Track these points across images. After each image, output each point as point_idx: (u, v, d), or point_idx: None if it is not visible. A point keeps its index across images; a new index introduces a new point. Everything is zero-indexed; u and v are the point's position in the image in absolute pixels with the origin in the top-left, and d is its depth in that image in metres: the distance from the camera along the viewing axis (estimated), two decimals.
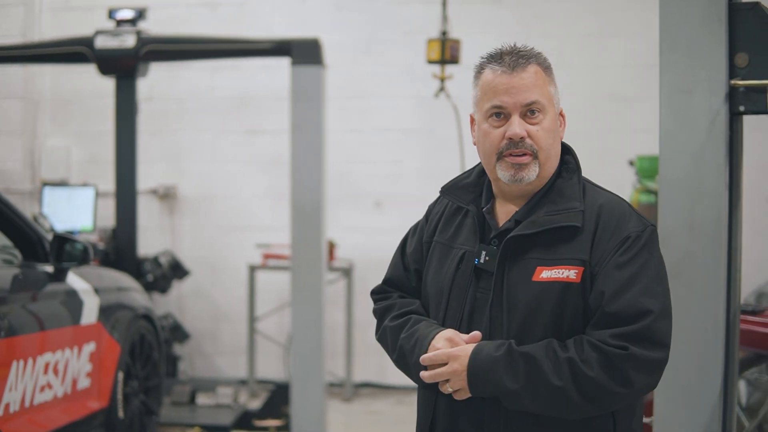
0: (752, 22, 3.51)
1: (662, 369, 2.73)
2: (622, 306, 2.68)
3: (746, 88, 3.51)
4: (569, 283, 2.74)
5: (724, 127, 3.52)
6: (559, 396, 2.66)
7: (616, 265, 2.73)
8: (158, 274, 8.36)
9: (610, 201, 2.86)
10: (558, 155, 2.93)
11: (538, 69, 2.86)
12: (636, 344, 2.65)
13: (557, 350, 2.69)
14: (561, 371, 2.66)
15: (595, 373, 2.64)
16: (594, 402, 2.68)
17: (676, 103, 3.56)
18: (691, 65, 3.54)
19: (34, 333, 5.04)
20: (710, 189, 3.55)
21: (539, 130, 2.84)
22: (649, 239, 2.79)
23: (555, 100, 2.90)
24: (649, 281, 2.73)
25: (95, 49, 7.58)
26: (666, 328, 2.73)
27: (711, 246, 3.56)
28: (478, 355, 2.73)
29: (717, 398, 3.58)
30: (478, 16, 9.08)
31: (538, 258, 2.79)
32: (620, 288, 2.70)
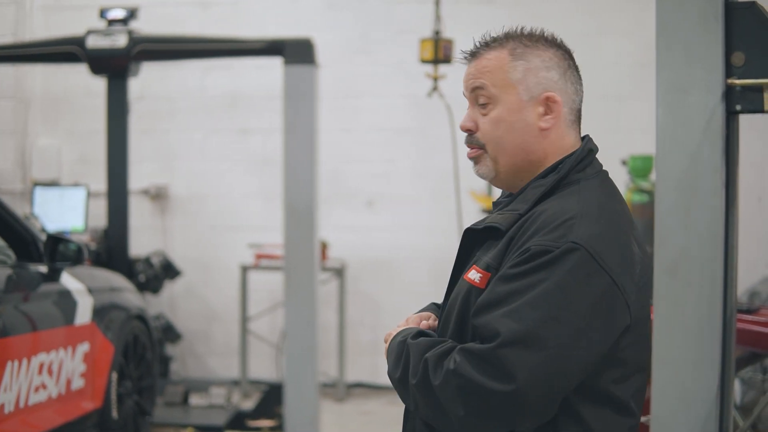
0: (749, 21, 3.51)
1: (500, 406, 2.33)
2: (482, 322, 2.40)
3: (743, 87, 3.50)
4: (474, 286, 2.51)
5: (721, 126, 3.51)
6: (415, 395, 2.47)
7: (501, 276, 2.43)
8: (150, 274, 8.34)
9: (555, 208, 2.52)
10: (529, 149, 2.65)
11: (501, 54, 2.64)
12: (472, 365, 2.33)
13: (431, 349, 2.46)
14: (418, 369, 2.45)
15: (438, 382, 2.39)
16: (437, 414, 2.43)
17: (673, 101, 3.55)
18: (687, 64, 3.53)
19: (28, 333, 5.03)
20: (707, 188, 3.54)
21: (486, 121, 2.64)
22: (557, 258, 2.38)
23: (522, 86, 2.62)
24: (524, 302, 2.35)
25: (86, 49, 7.56)
26: (517, 359, 2.30)
27: (707, 245, 3.55)
28: (394, 338, 2.65)
29: (714, 397, 3.57)
30: (470, 16, 9.07)
31: (478, 257, 2.59)
32: (489, 302, 2.41)
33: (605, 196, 2.66)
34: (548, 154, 2.67)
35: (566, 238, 2.41)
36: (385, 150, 9.44)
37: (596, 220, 2.52)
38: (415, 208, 9.30)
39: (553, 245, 2.40)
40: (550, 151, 2.67)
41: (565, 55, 2.74)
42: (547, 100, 2.66)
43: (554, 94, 2.67)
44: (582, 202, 2.54)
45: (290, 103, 7.25)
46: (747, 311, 4.96)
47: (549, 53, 2.68)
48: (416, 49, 7.88)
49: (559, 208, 2.50)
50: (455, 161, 8.03)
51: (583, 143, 2.79)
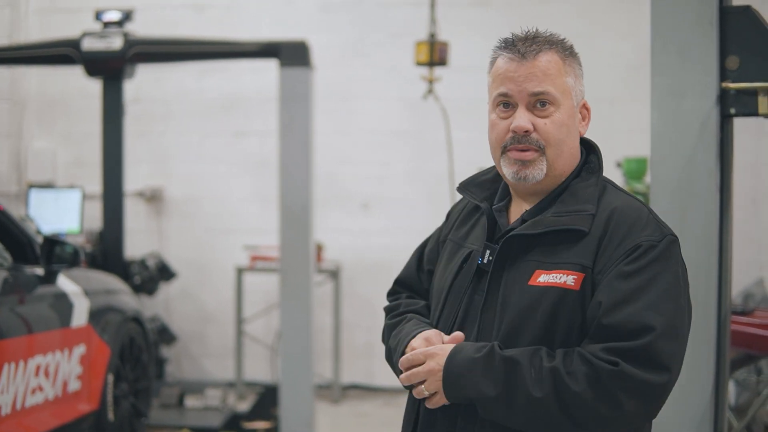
0: (743, 26, 3.54)
1: (662, 395, 2.44)
2: (620, 319, 2.41)
3: (737, 91, 3.53)
4: (566, 289, 2.50)
5: (715, 129, 3.54)
6: (538, 409, 2.42)
7: (620, 274, 2.47)
8: (145, 276, 8.34)
9: (627, 205, 2.61)
10: (575, 153, 2.71)
11: (555, 57, 2.65)
12: (630, 362, 2.37)
13: (543, 358, 2.45)
14: (543, 381, 2.41)
15: (581, 388, 2.38)
16: (576, 421, 2.42)
17: (668, 105, 3.58)
18: (682, 68, 3.56)
19: (24, 335, 5.04)
20: (701, 191, 3.57)
21: (548, 123, 2.62)
22: (665, 250, 2.50)
23: (574, 91, 2.68)
24: (657, 296, 2.44)
25: (82, 51, 7.56)
26: (670, 350, 2.41)
27: (702, 247, 3.58)
28: (457, 354, 2.54)
29: (708, 398, 3.60)
30: (466, 18, 9.09)
31: (538, 261, 2.57)
32: (621, 300, 2.43)
33: None
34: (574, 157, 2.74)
35: (662, 232, 2.55)
36: (380, 152, 9.46)
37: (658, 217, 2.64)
38: (410, 211, 9.31)
39: (656, 239, 2.51)
40: (576, 154, 2.74)
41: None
42: (584, 107, 2.75)
43: (586, 101, 2.76)
44: (636, 199, 2.68)
45: (286, 106, 7.26)
46: (741, 313, 4.98)
47: (578, 61, 2.76)
48: (411, 51, 7.88)
49: (630, 207, 2.61)
50: (450, 164, 8.04)
51: (595, 144, 2.83)
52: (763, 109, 3.49)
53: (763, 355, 5.40)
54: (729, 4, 3.60)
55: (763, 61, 3.51)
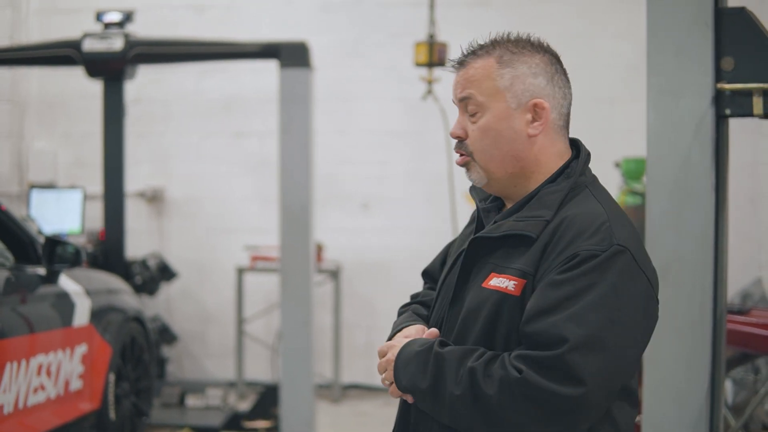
0: (738, 27, 3.56)
1: (571, 410, 2.35)
2: (538, 328, 2.38)
3: (732, 92, 3.56)
4: (507, 294, 2.50)
5: (711, 129, 3.56)
6: (458, 406, 2.43)
7: (550, 282, 2.42)
8: (146, 276, 8.36)
9: (585, 213, 2.52)
10: (519, 156, 2.64)
11: (489, 62, 2.63)
12: (536, 371, 2.33)
13: (468, 357, 2.45)
14: (461, 379, 2.42)
15: (492, 391, 2.37)
16: (489, 423, 2.41)
17: (664, 105, 3.61)
18: (678, 69, 3.58)
19: (26, 335, 5.06)
20: (697, 190, 3.59)
21: (474, 129, 2.64)
22: (606, 260, 2.41)
23: (510, 93, 2.62)
24: (582, 307, 2.37)
25: (83, 52, 7.58)
26: (586, 363, 2.32)
27: (698, 247, 3.60)
28: (406, 347, 2.61)
29: (704, 397, 3.62)
30: (465, 19, 9.11)
31: (495, 264, 2.58)
32: (545, 308, 2.39)
33: (613, 200, 2.68)
34: (540, 159, 2.65)
35: (610, 241, 2.44)
36: (379, 153, 9.48)
37: (624, 224, 2.55)
38: (410, 211, 9.34)
39: (599, 249, 2.42)
40: (541, 157, 2.66)
41: (552, 59, 2.71)
42: (535, 107, 2.63)
43: (542, 100, 2.64)
44: (605, 207, 2.57)
45: (286, 106, 7.29)
46: (738, 312, 5.00)
47: (536, 59, 2.66)
48: (411, 52, 7.91)
49: (588, 213, 2.52)
50: (449, 164, 8.07)
51: (582, 147, 2.80)
52: (758, 110, 3.51)
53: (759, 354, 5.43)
54: (724, 5, 3.62)
55: (758, 62, 3.53)
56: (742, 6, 3.59)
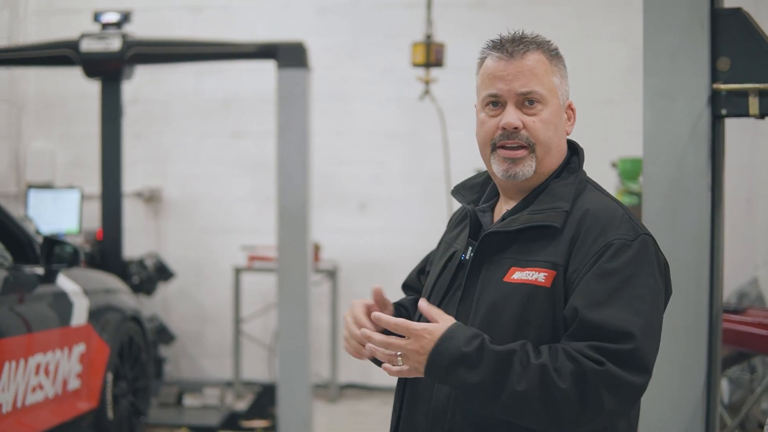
0: (734, 27, 3.58)
1: (638, 396, 2.49)
2: (602, 320, 2.43)
3: (728, 92, 3.57)
4: (538, 286, 2.53)
5: (707, 129, 3.58)
6: (519, 401, 2.40)
7: (597, 274, 2.49)
8: (144, 276, 8.37)
9: (602, 206, 2.63)
10: (561, 151, 2.76)
11: (542, 57, 2.70)
12: (617, 363, 2.38)
13: (530, 353, 2.43)
14: (529, 376, 2.40)
15: (566, 385, 2.38)
16: (555, 416, 2.41)
17: (660, 106, 3.62)
18: (674, 69, 3.60)
19: (24, 334, 5.08)
20: (693, 190, 3.61)
21: (536, 121, 2.67)
22: (640, 249, 2.52)
23: (560, 91, 2.74)
24: (634, 296, 2.47)
25: (81, 52, 7.59)
26: (649, 351, 2.46)
27: (694, 246, 3.62)
28: (447, 341, 2.46)
29: (700, 396, 3.64)
30: (462, 20, 9.13)
31: (514, 258, 2.61)
32: (601, 300, 2.45)
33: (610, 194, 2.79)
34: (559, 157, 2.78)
35: (636, 231, 2.57)
36: (377, 153, 9.50)
37: (633, 214, 2.66)
38: (407, 211, 9.35)
39: (629, 238, 2.54)
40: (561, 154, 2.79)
41: None
42: (569, 107, 2.81)
43: (572, 102, 2.82)
44: (612, 198, 2.71)
45: (283, 107, 7.29)
46: (735, 311, 5.02)
47: (564, 62, 2.80)
48: (408, 52, 7.92)
49: (605, 207, 2.64)
50: (446, 164, 8.08)
51: (578, 145, 2.87)
52: (754, 110, 3.53)
53: (755, 353, 5.45)
54: (720, 6, 3.64)
55: (753, 62, 3.55)
56: (738, 7, 3.61)
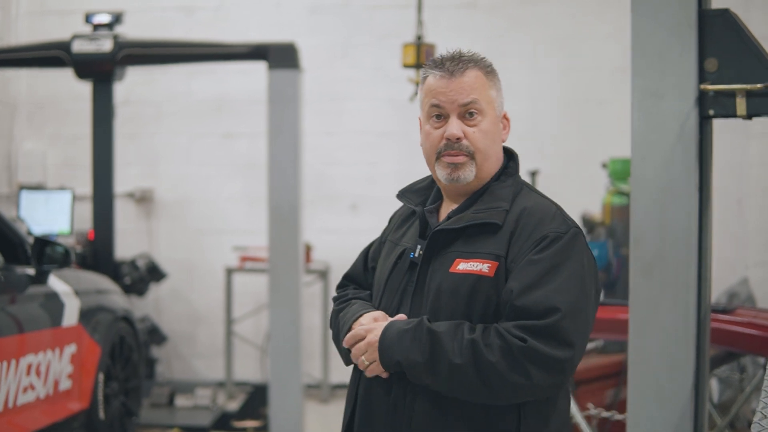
0: (721, 28, 3.59)
1: (566, 369, 2.73)
2: (530, 301, 2.73)
3: (716, 93, 3.58)
4: (482, 276, 2.82)
5: (695, 130, 3.59)
6: (458, 374, 2.72)
7: (529, 261, 2.79)
8: (135, 276, 8.37)
9: (538, 204, 2.93)
10: (498, 158, 3.03)
11: (479, 73, 2.95)
12: (537, 339, 2.68)
13: (464, 331, 2.75)
14: (462, 350, 2.72)
15: (495, 358, 2.68)
16: (492, 388, 2.72)
17: (648, 106, 3.63)
18: (661, 70, 3.61)
19: (15, 335, 5.07)
20: (681, 191, 3.62)
21: (476, 131, 2.94)
22: (570, 241, 2.83)
23: (496, 103, 2.99)
24: (562, 280, 2.76)
25: (72, 53, 7.60)
26: (573, 328, 2.73)
27: (682, 246, 3.63)
28: (391, 326, 2.86)
29: (689, 395, 3.65)
30: (453, 21, 9.15)
31: (458, 251, 2.90)
32: (531, 284, 2.75)
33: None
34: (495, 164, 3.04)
35: (568, 225, 2.88)
36: (368, 153, 9.51)
37: (564, 211, 2.97)
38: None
39: (561, 230, 2.84)
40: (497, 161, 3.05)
41: None
42: (504, 117, 3.05)
43: (506, 113, 3.06)
44: (547, 199, 3.00)
45: (275, 107, 7.31)
46: (724, 311, 5.04)
47: (498, 77, 3.04)
48: (399, 53, 7.93)
49: (540, 205, 2.94)
50: None
51: (513, 151, 3.13)
52: (741, 111, 3.54)
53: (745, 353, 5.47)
54: (708, 7, 3.65)
55: (741, 63, 3.56)
56: (726, 8, 3.62)
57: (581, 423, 5.10)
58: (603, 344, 6.80)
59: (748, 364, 6.43)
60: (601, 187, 8.19)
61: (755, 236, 8.92)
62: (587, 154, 8.80)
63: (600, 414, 5.27)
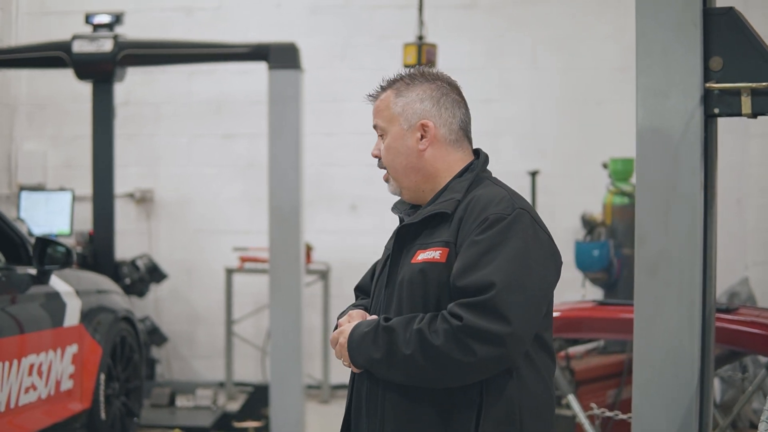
0: (726, 27, 3.58)
1: (507, 343, 2.79)
2: (469, 281, 2.82)
3: (720, 91, 3.58)
4: (435, 263, 2.95)
5: (699, 129, 3.58)
6: (411, 364, 2.84)
7: (470, 242, 2.89)
8: (136, 277, 8.37)
9: (490, 192, 3.03)
10: (420, 166, 3.14)
11: (389, 93, 3.19)
12: (473, 315, 2.77)
13: (413, 322, 2.87)
14: (410, 340, 2.83)
15: (440, 342, 2.79)
16: (443, 370, 2.83)
17: (652, 105, 3.63)
18: (666, 69, 3.61)
19: (18, 335, 5.07)
20: (685, 190, 3.61)
21: (382, 149, 3.21)
22: (513, 221, 2.90)
23: (402, 117, 3.15)
24: (502, 258, 2.84)
25: (72, 54, 7.60)
26: (510, 302, 2.79)
27: (686, 245, 3.62)
28: (355, 329, 3.00)
29: (693, 394, 3.64)
30: (453, 21, 9.15)
31: (419, 243, 3.03)
32: (471, 264, 2.85)
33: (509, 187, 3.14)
34: (437, 168, 3.15)
35: (512, 206, 2.94)
36: (367, 154, 9.29)
37: (521, 198, 3.06)
38: None
39: (505, 212, 2.92)
40: (440, 166, 3.15)
41: (441, 86, 3.18)
42: (422, 127, 3.14)
43: (427, 120, 3.13)
44: (504, 188, 3.07)
45: (275, 108, 7.31)
46: (726, 310, 5.03)
47: (424, 87, 3.17)
48: (399, 53, 7.93)
49: (491, 192, 3.03)
50: None
51: (482, 153, 3.23)
52: (746, 109, 3.54)
53: (747, 352, 5.46)
54: (712, 5, 3.65)
55: (745, 61, 3.55)
56: (730, 6, 3.62)
57: (585, 423, 5.10)
58: (604, 344, 6.81)
59: (749, 363, 6.43)
60: (601, 187, 8.19)
61: (755, 236, 8.92)
62: (587, 154, 8.80)
63: (603, 414, 5.25)
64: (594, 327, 5.45)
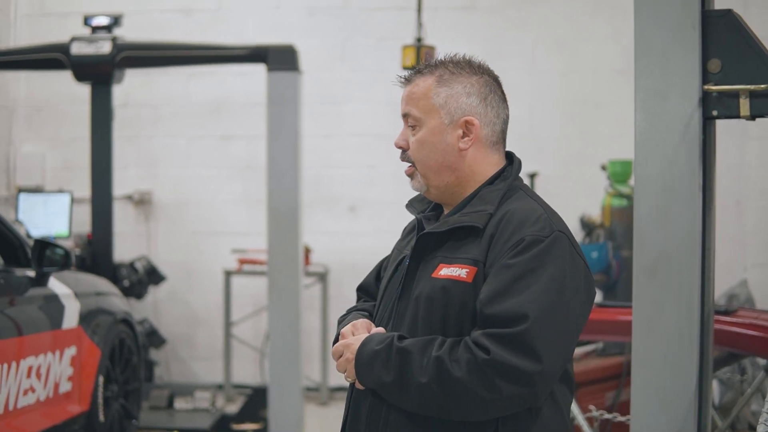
0: (725, 29, 3.58)
1: (535, 382, 2.58)
2: (499, 309, 2.60)
3: (719, 93, 3.58)
4: (460, 281, 2.72)
5: (698, 131, 3.58)
6: (424, 393, 2.63)
7: (503, 266, 2.66)
8: (134, 279, 8.37)
9: (524, 207, 2.80)
10: (456, 167, 2.90)
11: (429, 80, 2.90)
12: (502, 349, 2.55)
13: (433, 347, 2.65)
14: (427, 368, 2.61)
15: (461, 374, 2.57)
16: (459, 404, 2.61)
17: (651, 107, 3.62)
18: (665, 71, 3.60)
19: (16, 337, 5.06)
20: (684, 191, 3.61)
21: (412, 141, 2.93)
22: (551, 245, 2.68)
23: (444, 111, 2.87)
24: (536, 286, 2.61)
25: (71, 56, 7.59)
26: (543, 336, 2.57)
27: (685, 247, 3.62)
28: (364, 346, 2.78)
29: (692, 396, 3.64)
30: (452, 23, 9.15)
31: (443, 256, 2.80)
32: (502, 290, 2.62)
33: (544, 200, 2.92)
34: (474, 170, 2.91)
35: (551, 228, 2.71)
36: (366, 155, 9.50)
37: (558, 217, 2.84)
38: (397, 213, 9.27)
39: (543, 234, 2.68)
40: (475, 167, 2.91)
41: (488, 81, 2.93)
42: (466, 124, 2.88)
43: (473, 118, 2.88)
44: (539, 203, 2.85)
45: (273, 109, 7.31)
46: (725, 312, 5.03)
47: (472, 80, 2.91)
48: (397, 55, 7.93)
49: (526, 208, 2.80)
50: None
51: (515, 157, 3.02)
52: (745, 112, 3.53)
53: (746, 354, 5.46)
54: (711, 8, 3.65)
55: (744, 63, 3.55)
56: (729, 8, 3.62)
57: (583, 425, 5.09)
58: (603, 346, 6.80)
59: (748, 365, 6.43)
60: (600, 188, 8.19)
61: (754, 238, 8.93)
62: (586, 156, 8.80)
63: (602, 416, 5.25)
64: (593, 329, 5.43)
